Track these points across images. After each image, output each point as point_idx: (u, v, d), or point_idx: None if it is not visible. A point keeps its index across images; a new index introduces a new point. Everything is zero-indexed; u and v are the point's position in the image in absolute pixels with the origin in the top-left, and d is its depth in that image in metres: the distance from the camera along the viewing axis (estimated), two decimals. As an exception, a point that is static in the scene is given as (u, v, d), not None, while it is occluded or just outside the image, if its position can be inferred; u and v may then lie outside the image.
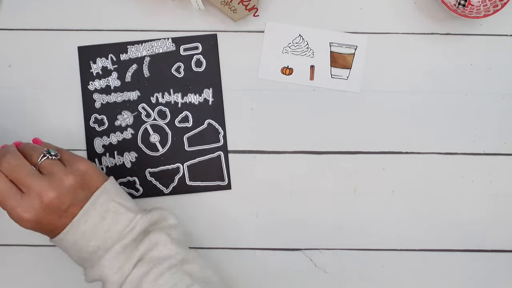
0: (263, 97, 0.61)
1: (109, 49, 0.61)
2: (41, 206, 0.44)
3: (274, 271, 0.60)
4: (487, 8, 0.58)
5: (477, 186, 0.61)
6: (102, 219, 0.46)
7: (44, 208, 0.44)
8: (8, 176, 0.45)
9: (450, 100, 0.61)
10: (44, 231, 0.47)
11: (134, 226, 0.47)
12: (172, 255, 0.47)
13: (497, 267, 0.61)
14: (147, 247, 0.47)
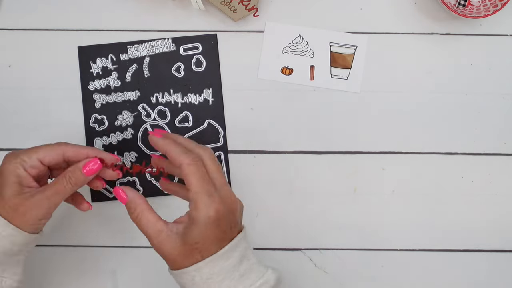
0: (263, 97, 0.61)
1: (109, 49, 0.61)
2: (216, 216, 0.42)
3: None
4: (487, 8, 0.58)
5: (477, 186, 0.61)
6: (240, 263, 0.43)
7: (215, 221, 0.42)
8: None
9: (450, 100, 0.61)
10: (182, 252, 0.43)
11: (267, 279, 0.44)
12: None
13: (497, 267, 0.61)
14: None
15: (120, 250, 0.60)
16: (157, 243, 0.43)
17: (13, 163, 0.45)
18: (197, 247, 0.42)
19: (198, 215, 0.41)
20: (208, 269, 0.42)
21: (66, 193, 0.46)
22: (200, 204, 0.42)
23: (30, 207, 0.44)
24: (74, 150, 0.47)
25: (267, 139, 0.61)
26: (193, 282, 0.42)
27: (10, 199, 0.44)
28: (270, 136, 0.61)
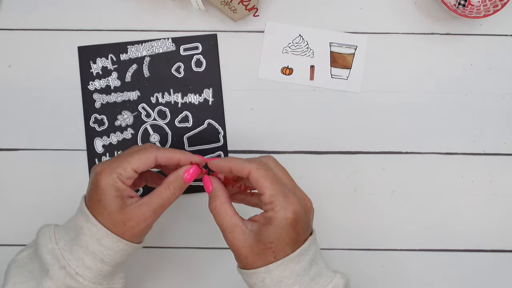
0: (263, 97, 0.61)
1: (109, 49, 0.61)
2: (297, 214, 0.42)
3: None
4: (487, 8, 0.58)
5: (477, 186, 0.61)
6: (310, 267, 0.43)
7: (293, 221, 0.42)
8: None
9: (450, 100, 0.61)
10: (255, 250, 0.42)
11: (336, 284, 0.43)
12: None
13: (497, 267, 0.61)
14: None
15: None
16: (231, 238, 0.43)
17: (110, 179, 0.43)
18: (271, 247, 0.41)
19: (275, 216, 0.41)
20: (279, 272, 0.41)
21: (170, 203, 0.46)
22: (277, 206, 0.41)
23: (138, 222, 0.44)
24: (166, 156, 0.46)
25: (267, 139, 0.61)
26: (263, 284, 0.42)
27: (117, 215, 0.43)
28: (270, 136, 0.61)
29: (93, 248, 0.43)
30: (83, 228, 0.44)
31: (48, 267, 0.43)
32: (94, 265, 0.43)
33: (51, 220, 0.60)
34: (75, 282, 0.43)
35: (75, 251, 0.43)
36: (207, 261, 0.60)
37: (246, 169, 0.43)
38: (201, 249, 0.61)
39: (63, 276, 0.42)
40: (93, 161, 0.60)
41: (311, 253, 0.43)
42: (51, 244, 0.44)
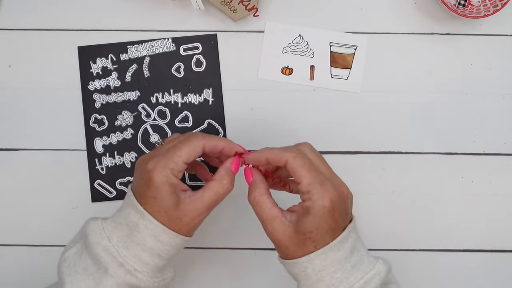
0: (263, 97, 0.61)
1: (109, 49, 0.61)
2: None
3: (274, 271, 0.60)
4: (487, 8, 0.58)
5: (477, 186, 0.61)
6: (351, 254, 0.43)
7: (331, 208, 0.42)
8: None
9: (450, 100, 0.61)
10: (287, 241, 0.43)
11: (378, 271, 0.43)
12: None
13: (497, 267, 0.61)
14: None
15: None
16: (270, 229, 0.43)
17: (164, 175, 0.43)
18: (310, 237, 0.42)
19: (312, 206, 0.41)
20: (320, 260, 0.42)
21: (224, 197, 0.46)
22: (314, 195, 0.41)
23: (193, 217, 0.44)
24: (212, 145, 0.46)
25: (267, 139, 0.61)
26: (305, 273, 0.42)
27: (173, 212, 0.43)
28: (270, 136, 0.61)
29: (151, 244, 0.43)
30: (138, 225, 0.43)
31: (106, 265, 0.43)
32: (151, 261, 0.43)
33: (51, 220, 0.60)
34: (135, 278, 0.43)
35: (132, 248, 0.43)
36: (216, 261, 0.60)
37: (283, 158, 0.43)
38: (198, 249, 0.61)
39: (124, 273, 0.43)
40: (93, 161, 0.60)
41: (351, 240, 0.43)
42: (104, 241, 0.43)
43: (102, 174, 0.60)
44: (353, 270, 0.42)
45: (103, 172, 0.60)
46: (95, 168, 0.60)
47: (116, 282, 0.42)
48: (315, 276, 0.42)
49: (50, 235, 0.60)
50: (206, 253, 0.60)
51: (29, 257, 0.60)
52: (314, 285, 0.42)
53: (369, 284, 0.42)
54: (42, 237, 0.60)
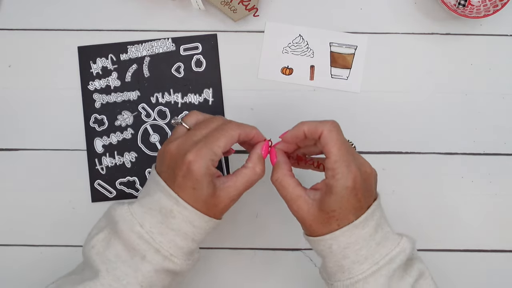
0: (263, 97, 0.61)
1: (109, 49, 0.61)
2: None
3: (274, 271, 0.60)
4: (487, 8, 0.58)
5: (477, 186, 0.61)
6: (375, 231, 0.43)
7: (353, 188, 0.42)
8: None
9: (450, 100, 0.61)
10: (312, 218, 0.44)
11: (403, 248, 0.43)
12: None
13: (497, 267, 0.61)
14: (415, 277, 0.43)
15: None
16: (295, 207, 0.44)
17: (205, 167, 0.43)
18: (333, 215, 0.42)
19: (335, 185, 0.42)
20: (345, 238, 0.42)
21: (255, 182, 0.46)
22: (338, 174, 0.42)
23: (227, 203, 0.45)
24: (245, 133, 0.47)
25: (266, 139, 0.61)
26: (330, 250, 0.43)
27: (211, 200, 0.44)
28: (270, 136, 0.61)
29: (186, 230, 0.44)
30: (173, 211, 0.44)
31: (143, 252, 0.43)
32: (185, 245, 0.44)
33: (51, 220, 0.60)
34: (172, 263, 0.44)
35: (166, 234, 0.44)
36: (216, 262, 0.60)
37: (319, 129, 0.43)
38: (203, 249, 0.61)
39: (161, 260, 0.43)
40: (93, 161, 0.60)
41: (376, 218, 0.44)
42: (136, 227, 0.43)
43: (102, 174, 0.60)
44: (378, 247, 0.43)
45: (103, 172, 0.60)
46: (95, 168, 0.60)
47: (154, 268, 0.43)
48: (340, 253, 0.43)
49: (50, 235, 0.60)
50: (206, 253, 0.60)
51: (29, 257, 0.60)
52: (340, 262, 0.43)
53: (394, 261, 0.42)
54: (42, 237, 0.60)
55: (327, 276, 0.46)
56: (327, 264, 0.44)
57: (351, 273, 0.42)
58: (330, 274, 0.44)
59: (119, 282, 0.42)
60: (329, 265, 0.44)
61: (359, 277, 0.42)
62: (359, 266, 0.42)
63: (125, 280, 0.42)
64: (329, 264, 0.44)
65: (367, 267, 0.42)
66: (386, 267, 0.42)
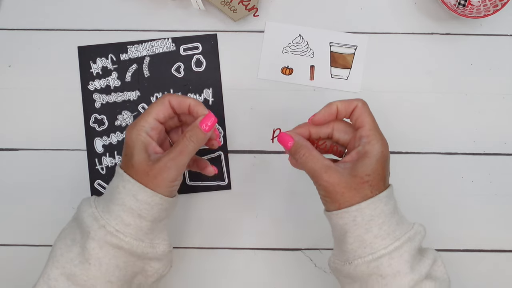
0: (263, 97, 0.61)
1: (109, 49, 0.61)
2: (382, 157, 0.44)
3: (274, 271, 0.60)
4: (487, 8, 0.58)
5: (477, 186, 0.61)
6: (394, 212, 0.45)
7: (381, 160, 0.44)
8: None
9: (450, 100, 0.61)
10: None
11: (419, 230, 0.45)
12: (445, 278, 0.46)
13: (497, 267, 0.61)
14: (432, 259, 0.44)
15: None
16: (326, 177, 0.44)
17: (134, 132, 0.46)
18: (368, 180, 0.43)
19: (372, 149, 0.44)
20: (370, 210, 0.43)
21: (190, 152, 0.47)
22: (374, 140, 0.44)
23: (159, 171, 0.45)
24: (177, 100, 0.48)
25: (267, 139, 0.61)
26: (354, 222, 0.43)
27: (140, 166, 0.45)
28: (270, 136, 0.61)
29: (130, 204, 0.44)
30: (118, 187, 0.45)
31: (89, 229, 0.44)
32: (132, 221, 0.45)
33: (51, 220, 0.60)
34: (117, 239, 0.44)
35: (113, 210, 0.45)
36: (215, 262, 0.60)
37: (353, 103, 0.47)
38: (198, 249, 0.61)
39: (104, 234, 0.44)
40: (93, 161, 0.60)
41: (393, 202, 0.45)
42: (91, 208, 0.46)
43: (102, 174, 0.60)
44: (397, 227, 0.44)
45: (103, 172, 0.60)
46: (95, 168, 0.60)
47: (98, 245, 0.44)
48: (364, 226, 0.43)
49: (50, 235, 0.60)
50: (206, 253, 0.60)
51: (29, 257, 0.60)
52: (363, 236, 0.43)
53: (413, 240, 0.44)
54: (42, 237, 0.60)
55: (345, 255, 0.45)
56: (348, 240, 0.44)
57: (373, 248, 0.42)
58: (350, 252, 0.44)
59: (71, 263, 0.44)
60: (350, 240, 0.43)
61: (383, 252, 0.42)
62: (381, 241, 0.42)
63: (77, 260, 0.44)
64: (350, 239, 0.43)
65: (389, 242, 0.42)
66: (408, 244, 0.43)
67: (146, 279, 0.48)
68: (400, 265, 0.42)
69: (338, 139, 0.49)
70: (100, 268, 0.43)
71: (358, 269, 0.43)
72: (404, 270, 0.42)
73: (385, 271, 0.42)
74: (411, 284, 0.42)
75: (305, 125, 0.49)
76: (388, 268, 0.42)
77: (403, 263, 0.42)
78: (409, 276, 0.42)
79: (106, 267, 0.44)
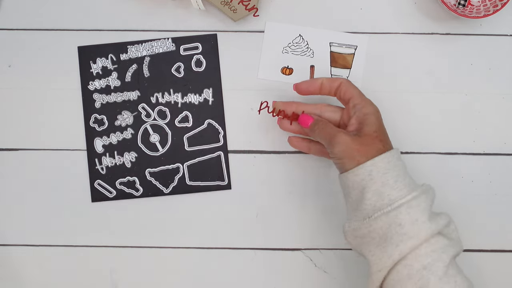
0: (263, 97, 0.61)
1: (109, 49, 0.61)
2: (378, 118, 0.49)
3: (274, 271, 0.60)
4: (487, 8, 0.58)
5: (477, 186, 0.61)
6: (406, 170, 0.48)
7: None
8: None
9: (450, 100, 0.61)
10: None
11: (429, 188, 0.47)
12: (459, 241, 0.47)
13: (497, 267, 0.61)
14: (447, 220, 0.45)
15: (120, 250, 0.60)
16: (340, 138, 0.47)
17: None
18: (377, 136, 0.48)
19: (369, 110, 0.49)
20: (384, 164, 0.46)
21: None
22: (367, 103, 0.50)
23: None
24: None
25: (267, 139, 0.61)
26: (370, 176, 0.45)
27: None
28: (270, 136, 0.61)
29: None
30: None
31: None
32: None
33: (51, 220, 0.60)
34: None
35: None
36: (215, 261, 0.60)
37: (336, 81, 0.52)
38: (198, 249, 0.61)
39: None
40: (93, 161, 0.60)
41: (402, 163, 0.48)
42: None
43: (102, 174, 0.60)
44: (411, 181, 0.47)
45: (103, 172, 0.60)
46: (95, 168, 0.60)
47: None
48: (380, 179, 0.45)
49: (50, 235, 0.60)
50: (206, 253, 0.60)
51: (29, 257, 0.60)
52: (380, 189, 0.45)
53: (428, 192, 0.46)
54: (42, 237, 0.60)
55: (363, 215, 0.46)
56: (366, 195, 0.45)
57: (391, 199, 0.44)
58: (369, 208, 0.45)
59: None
60: (368, 196, 0.45)
61: (401, 202, 0.44)
62: (398, 192, 0.45)
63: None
64: (368, 194, 0.45)
65: (406, 193, 0.45)
66: (424, 196, 0.45)
67: None
68: (418, 213, 0.44)
69: (328, 118, 0.53)
70: None
71: (378, 221, 0.44)
72: (422, 218, 0.43)
73: (404, 219, 0.43)
74: (428, 232, 0.43)
75: (293, 103, 0.54)
76: (406, 216, 0.43)
77: (421, 212, 0.44)
78: (427, 225, 0.43)
79: None
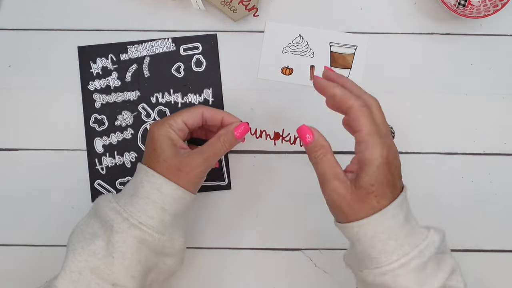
0: (263, 97, 0.61)
1: (109, 49, 0.61)
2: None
3: (274, 271, 0.60)
4: (487, 8, 0.58)
5: (477, 186, 0.61)
6: (406, 222, 0.42)
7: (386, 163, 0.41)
8: None
9: (450, 100, 0.61)
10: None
11: (432, 240, 0.42)
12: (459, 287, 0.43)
13: (497, 267, 0.61)
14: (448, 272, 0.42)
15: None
16: (332, 186, 0.42)
17: (163, 129, 0.47)
18: (372, 191, 0.41)
19: (370, 156, 0.41)
20: (373, 227, 0.41)
21: (221, 154, 0.49)
22: (372, 145, 0.41)
23: (192, 168, 0.46)
24: (211, 113, 0.50)
25: (267, 139, 0.61)
26: (357, 237, 0.42)
27: (172, 161, 0.46)
28: (269, 136, 0.61)
29: (154, 197, 0.45)
30: (142, 181, 0.46)
31: (112, 222, 0.44)
32: (156, 214, 0.45)
33: (51, 220, 0.60)
34: (140, 232, 0.44)
35: (136, 203, 0.45)
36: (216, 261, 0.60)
37: (347, 103, 0.42)
38: (198, 249, 0.61)
39: (127, 227, 0.44)
40: (93, 161, 0.60)
41: (404, 211, 0.42)
42: (112, 203, 0.46)
43: (102, 174, 0.60)
44: (406, 240, 0.41)
45: (103, 172, 0.60)
46: (95, 168, 0.60)
47: (122, 238, 0.44)
48: (368, 241, 0.41)
49: (50, 235, 0.60)
50: (206, 253, 0.60)
51: (29, 257, 0.60)
52: (368, 250, 0.41)
53: (423, 253, 0.41)
54: (42, 237, 0.60)
55: (356, 261, 0.44)
56: (356, 249, 0.43)
57: (378, 262, 0.41)
58: (359, 261, 0.43)
59: (95, 256, 0.43)
60: (357, 250, 0.43)
61: (386, 269, 0.40)
62: (386, 257, 0.41)
63: (100, 253, 0.43)
64: (357, 249, 0.43)
65: (395, 258, 0.40)
66: (416, 260, 0.41)
67: (158, 277, 0.48)
68: (406, 281, 0.40)
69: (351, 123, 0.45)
70: (123, 262, 0.43)
71: (367, 278, 0.42)
72: (412, 286, 0.40)
73: (391, 287, 0.41)
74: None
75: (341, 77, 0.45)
76: (393, 284, 0.40)
77: (409, 280, 0.40)
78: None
79: (129, 261, 0.44)
